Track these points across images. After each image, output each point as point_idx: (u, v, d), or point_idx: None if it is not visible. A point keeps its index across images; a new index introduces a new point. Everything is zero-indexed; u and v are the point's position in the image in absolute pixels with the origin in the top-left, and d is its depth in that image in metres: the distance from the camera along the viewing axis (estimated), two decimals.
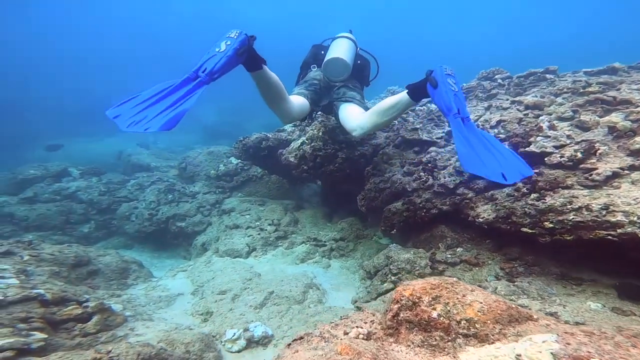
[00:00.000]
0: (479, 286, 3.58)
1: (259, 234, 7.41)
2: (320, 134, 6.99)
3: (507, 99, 5.94)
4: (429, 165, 5.23)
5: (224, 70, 2.52)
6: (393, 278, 4.58)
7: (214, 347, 3.70)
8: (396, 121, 7.51)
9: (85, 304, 4.13)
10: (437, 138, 5.70)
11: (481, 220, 4.12)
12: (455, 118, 2.68)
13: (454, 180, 4.74)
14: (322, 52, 5.39)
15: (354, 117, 4.17)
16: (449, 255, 4.53)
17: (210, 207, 8.83)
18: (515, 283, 3.49)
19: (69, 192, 9.94)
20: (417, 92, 3.18)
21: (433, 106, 6.26)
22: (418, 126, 6.00)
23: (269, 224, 7.71)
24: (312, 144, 6.90)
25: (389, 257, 4.97)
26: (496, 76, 7.06)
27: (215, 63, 2.47)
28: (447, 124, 5.98)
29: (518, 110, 5.32)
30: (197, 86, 2.43)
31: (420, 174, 5.35)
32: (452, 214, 4.77)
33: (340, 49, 4.86)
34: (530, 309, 2.37)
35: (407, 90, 3.34)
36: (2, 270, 4.15)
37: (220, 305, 4.93)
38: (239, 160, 9.87)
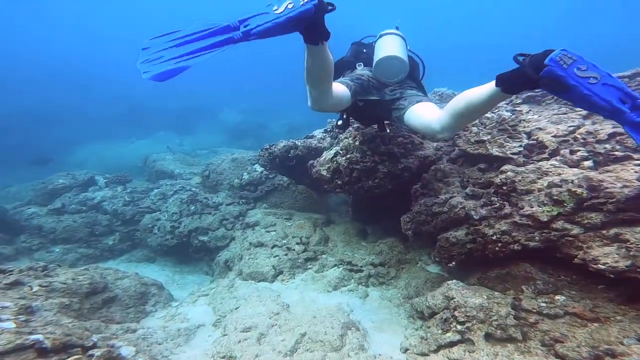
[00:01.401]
0: (610, 350, 2.59)
1: (285, 255, 6.64)
2: (357, 143, 6.09)
3: None
4: (504, 188, 4.19)
5: (265, 36, 2.17)
6: (460, 327, 3.61)
7: None
8: None
9: (90, 353, 3.50)
10: (512, 154, 4.62)
11: (603, 267, 3.07)
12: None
13: (549, 212, 3.69)
14: (365, 51, 4.64)
15: (433, 116, 3.39)
16: (544, 304, 3.48)
17: (234, 220, 8.19)
18: None
19: (94, 202, 9.70)
20: (515, 81, 2.32)
21: (506, 113, 5.18)
22: (485, 137, 4.94)
23: (297, 243, 6.92)
24: (348, 156, 6.02)
25: (449, 297, 3.99)
26: None
27: (260, 24, 2.15)
28: (524, 136, 4.87)
29: None
30: (225, 42, 2.18)
31: (492, 198, 4.31)
32: (543, 252, 3.74)
33: (393, 47, 4.05)
34: None
35: (495, 82, 2.46)
36: (1, 310, 3.61)
37: (244, 347, 4.17)
38: (264, 168, 9.19)
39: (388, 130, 5.98)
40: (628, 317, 3.00)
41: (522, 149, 4.65)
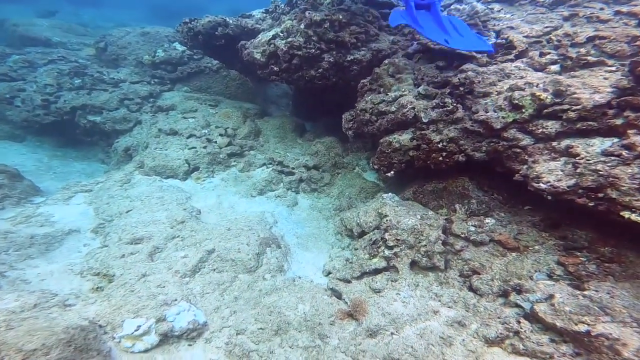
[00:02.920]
0: (519, 285, 2.45)
1: (204, 147, 5.47)
2: (302, 26, 4.61)
3: (602, 8, 3.95)
4: (461, 89, 3.41)
5: None
6: (387, 253, 3.19)
7: (97, 347, 2.22)
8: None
9: None
10: (477, 51, 3.73)
11: (544, 185, 2.65)
12: None
13: (504, 118, 3.06)
14: None
15: None
16: (473, 228, 3.16)
17: (141, 101, 6.40)
18: (586, 292, 2.27)
19: None
20: None
21: (479, 6, 4.08)
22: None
23: (220, 134, 5.72)
24: (289, 39, 4.57)
25: (382, 215, 3.51)
26: None
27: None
28: (493, 34, 4.02)
29: (625, 24, 3.45)
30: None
31: (446, 99, 3.54)
32: (486, 165, 3.27)
33: None
34: None
35: None
36: None
37: (128, 263, 3.26)
38: (184, 47, 7.06)
39: None
40: (545, 247, 2.81)
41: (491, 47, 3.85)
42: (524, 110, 2.98)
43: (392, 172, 4.01)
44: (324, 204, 4.92)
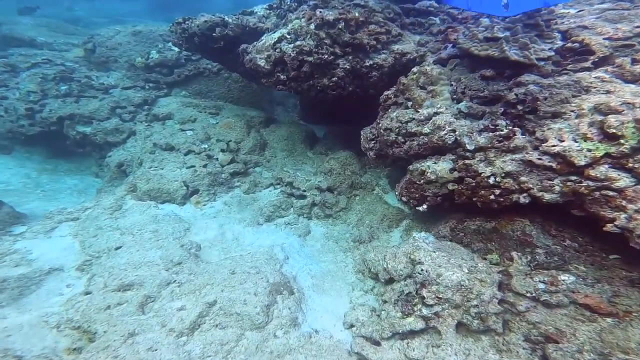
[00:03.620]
0: None
1: (204, 166, 4.86)
2: (313, 27, 3.91)
3: None
4: (519, 107, 2.72)
5: None
6: (425, 311, 2.59)
7: None
8: (437, 18, 4.45)
9: None
10: (540, 59, 2.99)
11: None
12: None
13: (590, 150, 2.38)
14: None
15: None
16: (542, 285, 2.51)
17: (135, 109, 5.79)
18: None
19: None
20: None
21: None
22: (501, 34, 3.12)
23: (222, 150, 5.10)
24: (298, 43, 3.88)
25: (415, 261, 2.88)
26: None
27: None
28: (558, 36, 3.25)
29: None
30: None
31: (498, 121, 2.86)
32: (560, 207, 2.62)
33: None
34: None
35: None
36: None
37: (114, 317, 2.73)
38: (179, 49, 6.38)
39: None
40: None
41: (552, 53, 3.08)
42: (622, 142, 2.29)
43: (424, 207, 3.37)
44: (341, 233, 4.31)
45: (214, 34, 4.78)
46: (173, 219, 4.13)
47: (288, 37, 4.07)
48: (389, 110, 3.75)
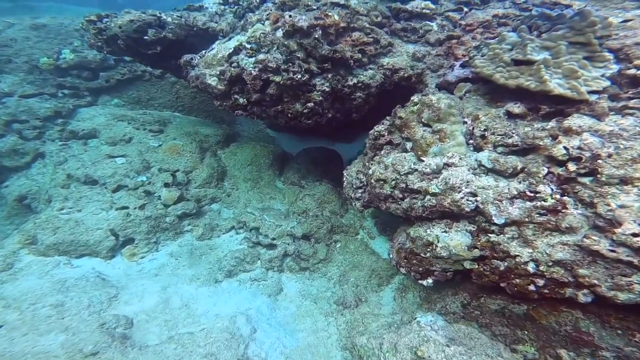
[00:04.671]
0: None
1: (141, 208, 3.74)
2: (280, 35, 2.93)
3: None
4: (573, 167, 1.97)
5: None
6: None
7: None
8: (434, 23, 3.58)
9: None
10: (593, 92, 2.24)
11: None
12: None
13: None
14: None
15: None
16: None
17: (42, 124, 4.38)
18: None
19: None
20: None
21: (591, 10, 2.41)
22: (536, 55, 2.27)
23: (166, 184, 3.98)
24: (261, 57, 2.88)
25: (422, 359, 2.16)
26: None
27: None
28: (610, 57, 2.44)
29: None
30: None
31: (539, 187, 2.12)
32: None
33: None
34: None
35: None
36: None
37: None
38: (104, 54, 4.96)
39: None
40: None
41: (608, 83, 2.33)
42: None
43: (429, 281, 2.63)
44: (320, 290, 3.49)
45: (145, 37, 3.56)
46: (92, 282, 3.05)
47: (248, 47, 3.03)
48: (382, 151, 2.90)
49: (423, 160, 2.55)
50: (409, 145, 2.72)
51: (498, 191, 2.22)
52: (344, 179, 3.31)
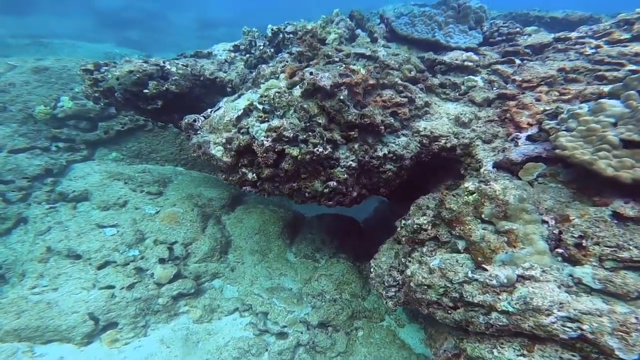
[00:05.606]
0: None
1: (130, 287, 3.16)
2: (298, 95, 2.48)
3: None
4: None
5: None
6: None
7: None
8: (479, 77, 3.07)
9: None
10: None
11: None
12: None
13: None
14: None
15: None
16: None
17: (30, 184, 3.94)
18: None
19: None
20: None
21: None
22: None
23: (161, 259, 3.41)
24: (275, 123, 2.41)
25: None
26: None
27: None
28: None
29: None
30: None
31: None
32: None
33: None
34: None
35: None
36: None
37: None
38: (100, 106, 4.61)
39: None
40: None
41: None
42: None
43: None
44: None
45: (146, 91, 3.15)
46: None
47: (260, 107, 2.54)
48: (424, 248, 2.28)
49: (486, 269, 1.92)
50: (461, 244, 2.11)
51: (619, 319, 1.57)
52: (372, 269, 2.69)
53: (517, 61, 2.99)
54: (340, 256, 3.80)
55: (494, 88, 2.85)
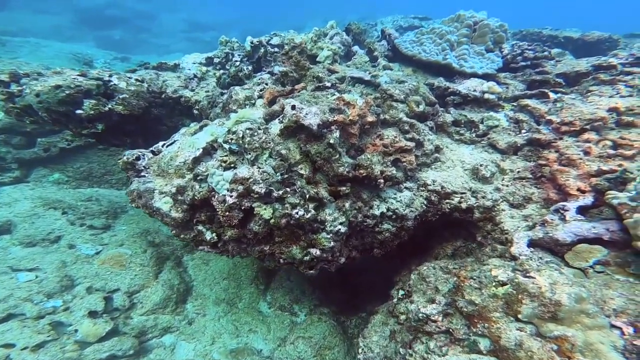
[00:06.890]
0: None
1: (36, 347, 2.43)
2: (277, 133, 1.84)
3: None
4: None
5: None
6: None
7: None
8: (502, 115, 2.53)
9: None
10: None
11: None
12: None
13: None
14: None
15: None
16: None
17: None
18: None
19: None
20: None
21: None
22: None
23: (91, 312, 2.68)
24: (243, 173, 1.77)
25: None
26: None
27: None
28: None
29: None
30: None
31: None
32: None
33: None
34: None
35: None
36: None
37: None
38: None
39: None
40: None
41: None
42: None
43: None
44: None
45: (79, 112, 2.46)
46: None
47: (225, 147, 1.91)
48: (431, 342, 1.69)
49: None
50: (483, 343, 1.52)
51: None
52: (360, 351, 2.07)
53: (552, 95, 2.45)
54: (323, 311, 3.16)
55: (523, 130, 2.30)
